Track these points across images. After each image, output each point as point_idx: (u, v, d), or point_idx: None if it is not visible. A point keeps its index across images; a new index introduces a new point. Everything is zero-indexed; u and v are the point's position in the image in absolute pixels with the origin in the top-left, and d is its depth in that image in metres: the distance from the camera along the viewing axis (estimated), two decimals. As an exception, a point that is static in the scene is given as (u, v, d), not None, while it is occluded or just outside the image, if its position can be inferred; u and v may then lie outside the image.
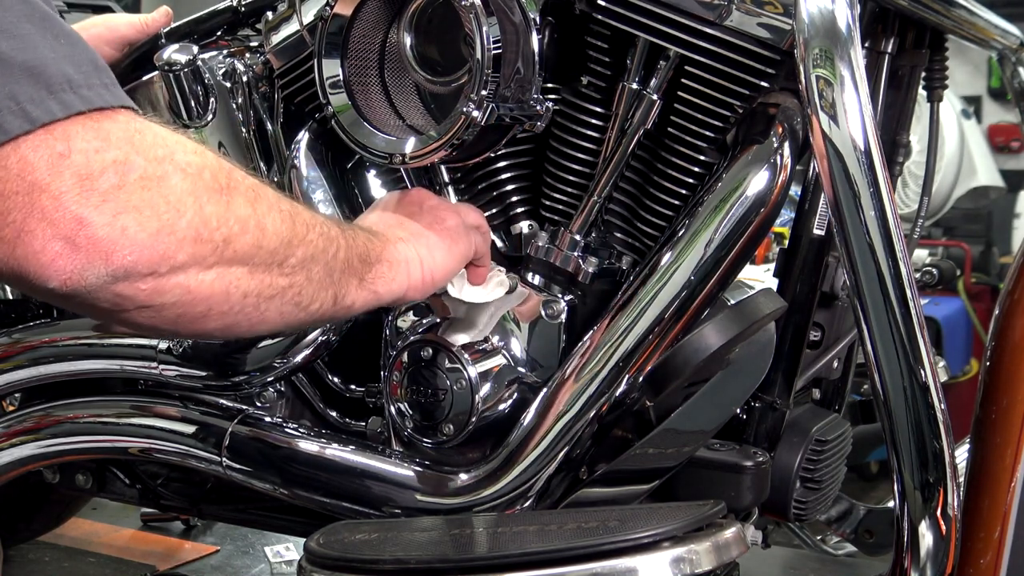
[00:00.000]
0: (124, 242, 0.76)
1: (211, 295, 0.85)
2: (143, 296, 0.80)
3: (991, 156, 4.72)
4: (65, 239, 0.74)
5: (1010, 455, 1.17)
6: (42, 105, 0.74)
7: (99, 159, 0.75)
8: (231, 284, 0.86)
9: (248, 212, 0.87)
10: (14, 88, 0.73)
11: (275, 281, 0.91)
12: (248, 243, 0.86)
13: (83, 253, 0.75)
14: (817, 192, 1.34)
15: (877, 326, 1.06)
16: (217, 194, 0.84)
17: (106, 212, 0.75)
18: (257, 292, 0.89)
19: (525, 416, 1.20)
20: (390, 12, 1.25)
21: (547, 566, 0.99)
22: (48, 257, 0.75)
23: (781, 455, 1.36)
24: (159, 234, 0.78)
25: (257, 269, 0.88)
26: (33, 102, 0.73)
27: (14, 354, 1.53)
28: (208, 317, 0.87)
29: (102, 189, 0.75)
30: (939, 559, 1.08)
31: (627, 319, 1.17)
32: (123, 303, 0.80)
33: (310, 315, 0.98)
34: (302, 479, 1.32)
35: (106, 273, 0.77)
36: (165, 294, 0.81)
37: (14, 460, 1.53)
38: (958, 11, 1.36)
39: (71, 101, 0.75)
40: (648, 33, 1.19)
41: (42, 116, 0.74)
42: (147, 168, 0.78)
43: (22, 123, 0.73)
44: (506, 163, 1.31)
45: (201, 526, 2.34)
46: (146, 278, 0.79)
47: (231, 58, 1.44)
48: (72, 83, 0.76)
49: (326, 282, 0.97)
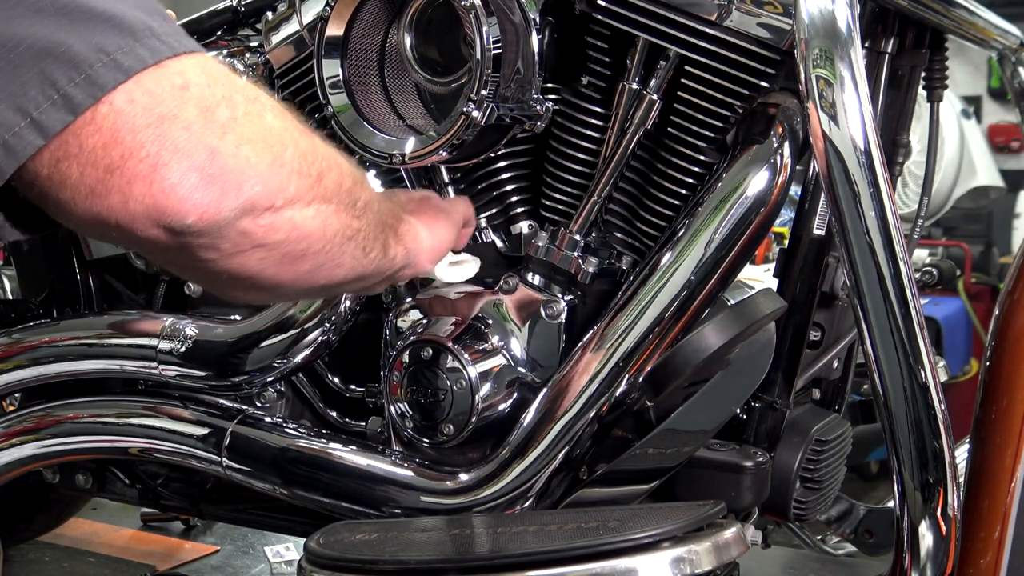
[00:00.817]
0: (250, 172, 0.77)
1: (311, 232, 0.86)
2: (261, 233, 0.81)
3: (991, 156, 4.72)
4: (200, 170, 0.74)
5: (1010, 455, 1.17)
6: (132, 54, 0.73)
7: (211, 92, 0.76)
8: (325, 221, 0.87)
9: (329, 151, 0.89)
10: (100, 39, 0.72)
11: (351, 222, 0.92)
12: (334, 180, 0.88)
13: (218, 184, 0.75)
14: (817, 192, 1.34)
15: (877, 326, 1.06)
16: (304, 133, 0.85)
17: (229, 143, 0.76)
18: (342, 231, 0.90)
19: (525, 416, 1.20)
20: (390, 12, 1.25)
21: (547, 566, 0.99)
22: (186, 190, 0.74)
23: (781, 455, 1.36)
24: (273, 165, 0.79)
25: (340, 207, 0.90)
26: (122, 51, 0.73)
27: (14, 354, 1.54)
28: (306, 256, 0.87)
29: (221, 121, 0.76)
30: (939, 559, 1.08)
31: (627, 319, 1.17)
32: (243, 242, 0.80)
33: (369, 263, 0.98)
34: (302, 479, 1.32)
35: (236, 205, 0.77)
36: (278, 230, 0.82)
37: (14, 460, 1.53)
38: (958, 11, 1.36)
39: (158, 47, 0.74)
40: (648, 33, 1.19)
41: (135, 65, 0.73)
42: (247, 105, 0.79)
43: (116, 74, 0.72)
44: (506, 163, 1.31)
45: (201, 526, 2.33)
46: (265, 213, 0.80)
47: (231, 58, 1.44)
48: (153, 30, 0.75)
49: (379, 229, 0.99)
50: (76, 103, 0.71)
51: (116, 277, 1.70)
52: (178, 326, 1.41)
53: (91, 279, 1.71)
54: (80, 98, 0.71)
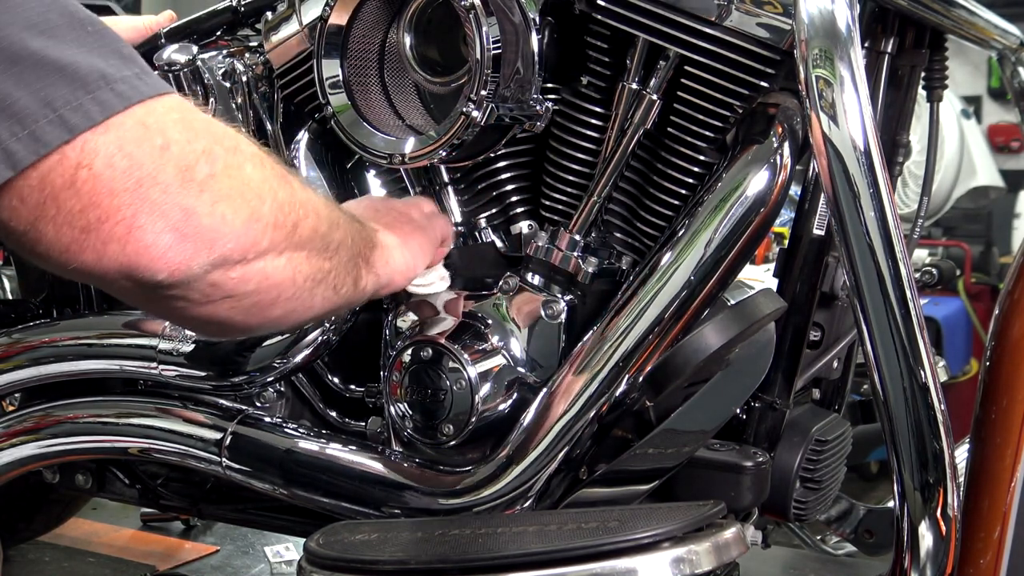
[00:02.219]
0: (224, 230, 0.78)
1: (282, 281, 0.87)
2: (231, 284, 0.82)
3: (991, 156, 4.72)
4: (174, 230, 0.76)
5: (1010, 455, 1.17)
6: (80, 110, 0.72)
7: (191, 150, 0.77)
8: (296, 269, 0.89)
9: (306, 196, 0.90)
10: (49, 92, 0.71)
11: (322, 264, 0.94)
12: (309, 227, 0.89)
13: (191, 243, 0.77)
14: (817, 192, 1.34)
15: (877, 326, 1.06)
16: (282, 181, 0.86)
17: (205, 201, 0.77)
18: (312, 276, 0.92)
19: (525, 416, 1.20)
20: (390, 12, 1.25)
21: (547, 566, 0.99)
22: (160, 250, 0.76)
23: (781, 455, 1.36)
24: (249, 221, 0.81)
25: (312, 253, 0.91)
26: (71, 107, 0.72)
27: (14, 354, 1.53)
28: (276, 304, 0.89)
29: (199, 179, 0.77)
30: (939, 559, 1.08)
31: (627, 319, 1.17)
32: (213, 293, 0.82)
33: (340, 300, 1.00)
34: (302, 479, 1.32)
35: (208, 261, 0.79)
36: (249, 282, 0.84)
37: (14, 460, 1.53)
38: (958, 11, 1.36)
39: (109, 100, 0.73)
40: (648, 33, 1.19)
41: (81, 123, 0.72)
42: (227, 158, 0.80)
43: (60, 132, 0.72)
44: (506, 163, 1.31)
45: (201, 526, 2.33)
46: (236, 266, 0.81)
47: (231, 58, 1.44)
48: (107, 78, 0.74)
49: (349, 265, 1.00)
50: (17, 159, 0.71)
51: (116, 277, 1.70)
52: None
53: (91, 279, 1.71)
54: (22, 154, 0.71)
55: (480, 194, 1.32)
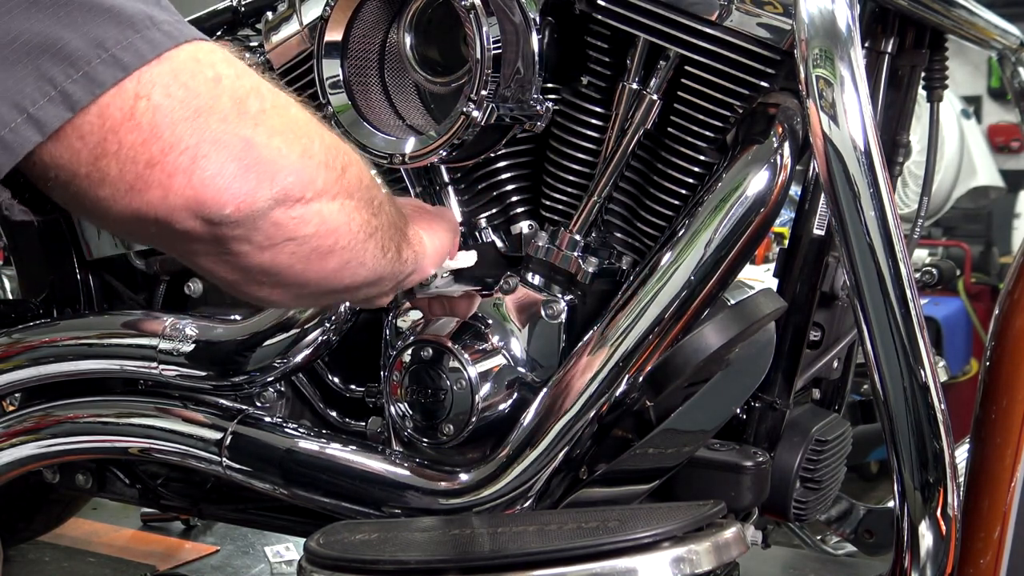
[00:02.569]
0: (283, 162, 0.78)
1: (338, 226, 0.87)
2: (292, 225, 0.82)
3: (991, 156, 4.72)
4: (237, 160, 0.75)
5: (1010, 455, 1.17)
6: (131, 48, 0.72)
7: (241, 84, 0.77)
8: (350, 215, 0.88)
9: (349, 147, 0.90)
10: (100, 33, 0.71)
11: (371, 219, 0.93)
12: (355, 174, 0.89)
13: (254, 174, 0.76)
14: (817, 192, 1.34)
15: (877, 326, 1.06)
16: (326, 126, 0.86)
17: (262, 134, 0.77)
18: (364, 227, 0.91)
19: (525, 416, 1.20)
20: (390, 12, 1.25)
21: (547, 566, 0.99)
22: (224, 180, 0.75)
23: (781, 455, 1.36)
24: (303, 156, 0.80)
25: (361, 204, 0.90)
26: (122, 45, 0.72)
27: (14, 354, 1.53)
28: (333, 252, 0.88)
29: (252, 112, 0.77)
30: (939, 559, 1.08)
31: (627, 319, 1.17)
32: (275, 234, 0.81)
33: (388, 264, 0.99)
34: (302, 479, 1.32)
35: (271, 196, 0.78)
36: (308, 223, 0.83)
37: (14, 460, 1.53)
38: (958, 11, 1.36)
39: (158, 39, 0.74)
40: (648, 33, 1.19)
41: (133, 61, 0.72)
42: (272, 97, 0.80)
43: (115, 71, 0.72)
44: (506, 163, 1.31)
45: (201, 526, 2.33)
46: (296, 204, 0.81)
47: (231, 58, 1.44)
48: (153, 19, 0.74)
49: (392, 231, 0.99)
50: (75, 100, 0.71)
51: (116, 277, 1.70)
52: (178, 326, 1.41)
53: (91, 279, 1.71)
54: (79, 95, 0.71)
55: (480, 194, 1.32)
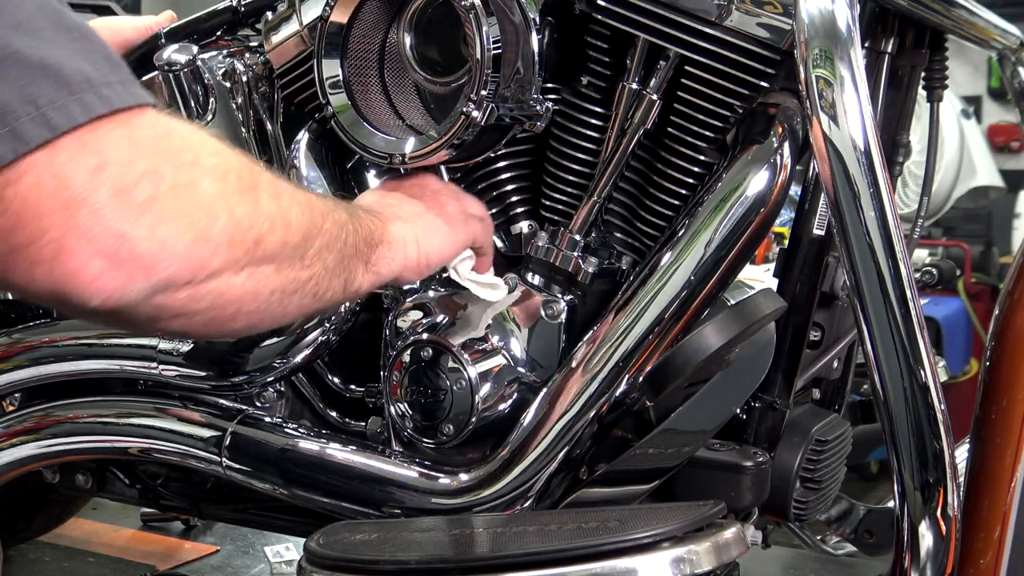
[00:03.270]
0: (164, 254, 0.75)
1: (242, 296, 0.84)
2: (179, 305, 0.79)
3: (991, 156, 4.73)
4: (106, 256, 0.72)
5: (1010, 455, 1.17)
6: (63, 109, 0.71)
7: (132, 170, 0.73)
8: (260, 283, 0.86)
9: (274, 208, 0.86)
10: (32, 90, 0.70)
11: (298, 275, 0.90)
12: (276, 240, 0.86)
13: (125, 269, 0.74)
14: (817, 192, 1.34)
15: (877, 326, 1.06)
16: (245, 194, 0.82)
17: (144, 225, 0.73)
18: (282, 288, 0.89)
19: (525, 416, 1.20)
20: (390, 12, 1.25)
21: (547, 566, 0.99)
22: (89, 276, 0.73)
23: (781, 455, 1.36)
24: (196, 242, 0.77)
25: (283, 265, 0.88)
26: (53, 106, 0.71)
27: (14, 354, 1.53)
28: (237, 318, 0.86)
29: (138, 201, 0.73)
30: (939, 559, 1.08)
31: (627, 319, 1.17)
32: (160, 314, 0.79)
33: (324, 303, 0.97)
34: (302, 479, 1.32)
35: (147, 287, 0.76)
36: (200, 300, 0.81)
37: (14, 460, 1.53)
38: (958, 11, 1.36)
39: (92, 103, 0.72)
40: (648, 33, 1.19)
41: (63, 122, 0.71)
42: (177, 176, 0.76)
43: (42, 131, 0.70)
44: (506, 163, 1.31)
45: (201, 526, 2.33)
46: (184, 287, 0.78)
47: (231, 58, 1.44)
48: (91, 81, 0.73)
49: (338, 269, 0.97)
50: None
51: (116, 277, 1.70)
52: (178, 326, 1.41)
53: (91, 279, 1.70)
54: (2, 151, 0.69)
55: (480, 194, 1.32)
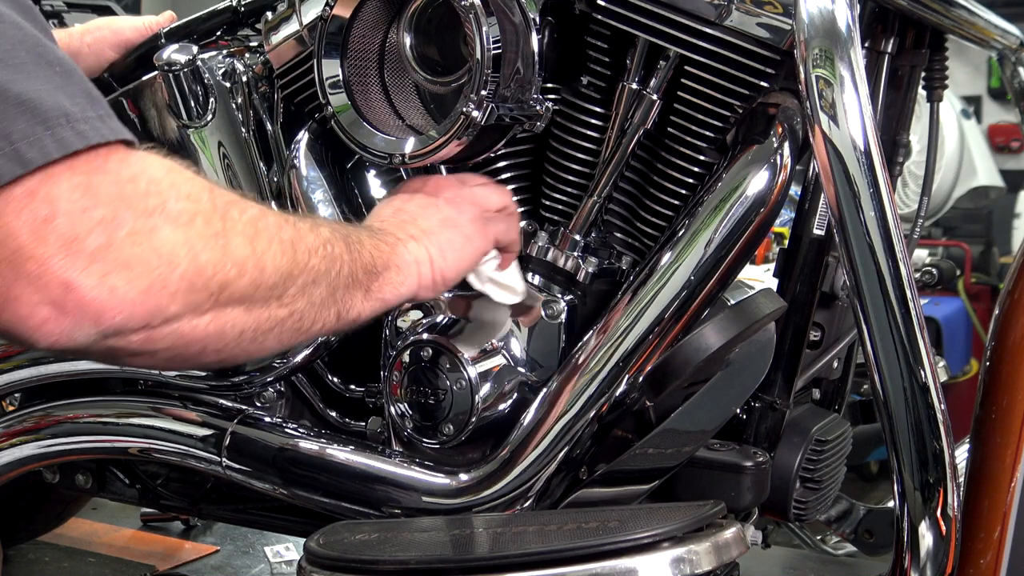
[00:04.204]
0: (113, 302, 0.74)
1: (205, 336, 0.83)
2: (135, 346, 0.79)
3: (991, 156, 4.72)
4: (52, 303, 0.73)
5: (1010, 455, 1.17)
6: (37, 144, 0.71)
7: (85, 219, 0.73)
8: (226, 324, 0.84)
9: (246, 252, 0.84)
10: (6, 125, 0.70)
11: (273, 313, 0.88)
12: (245, 284, 0.84)
13: (71, 316, 0.73)
14: (817, 192, 1.34)
15: (877, 326, 1.06)
16: (212, 240, 0.80)
17: (94, 274, 0.73)
18: (255, 327, 0.87)
19: (525, 416, 1.20)
20: (390, 12, 1.25)
21: (547, 566, 0.99)
22: (36, 321, 0.73)
23: (781, 455, 1.36)
24: (150, 290, 0.76)
25: (254, 306, 0.86)
26: (27, 140, 0.71)
27: (14, 354, 1.53)
28: (204, 354, 0.85)
29: (89, 250, 0.73)
30: (939, 559, 1.08)
31: (627, 319, 1.17)
32: (115, 353, 0.79)
33: (312, 335, 0.96)
34: (302, 479, 1.32)
35: (96, 332, 0.75)
36: (158, 342, 0.80)
37: (14, 460, 1.53)
38: (958, 11, 1.36)
39: (67, 138, 0.72)
40: (648, 33, 1.19)
41: (36, 158, 0.71)
42: (136, 223, 0.75)
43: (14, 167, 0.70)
44: (506, 163, 1.31)
45: (201, 526, 2.34)
46: (138, 331, 0.78)
47: (231, 58, 1.44)
48: (69, 116, 0.73)
49: (328, 301, 0.95)
50: None
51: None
52: (178, 326, 1.41)
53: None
54: None
55: (480, 194, 1.32)
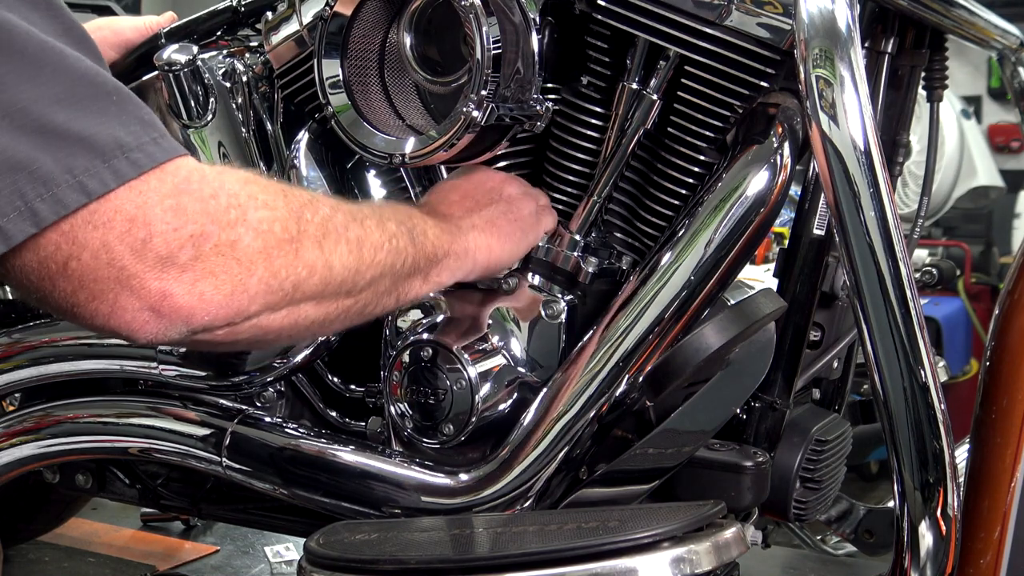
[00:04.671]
0: (202, 306, 0.85)
1: (281, 328, 0.93)
2: (220, 338, 0.89)
3: (991, 156, 4.72)
4: (151, 309, 0.83)
5: (1010, 455, 1.17)
6: (96, 176, 0.80)
7: (177, 236, 0.83)
8: (299, 316, 0.94)
9: (316, 255, 0.93)
10: (70, 161, 0.79)
11: (341, 304, 0.98)
12: (315, 283, 0.93)
13: (167, 319, 0.84)
14: (817, 192, 1.34)
15: (877, 326, 1.06)
16: (287, 244, 0.90)
17: (185, 282, 0.83)
18: (324, 317, 0.97)
19: (525, 416, 1.20)
20: (390, 12, 1.25)
21: (547, 566, 0.99)
22: (138, 324, 0.84)
23: (781, 455, 1.36)
24: (233, 295, 0.86)
25: (325, 300, 0.96)
26: (88, 173, 0.79)
27: (14, 354, 1.53)
28: (279, 340, 0.96)
29: (181, 263, 0.83)
30: (939, 559, 1.08)
31: (627, 319, 1.17)
32: (202, 346, 0.91)
33: (372, 317, 1.05)
34: (302, 479, 1.32)
35: (187, 330, 0.86)
36: (240, 335, 0.90)
37: (14, 460, 1.53)
38: (958, 11, 1.35)
39: (122, 168, 0.81)
40: (648, 33, 1.19)
41: (97, 188, 0.80)
42: (221, 235, 0.85)
43: (79, 196, 0.79)
44: (506, 163, 1.31)
45: (201, 526, 2.33)
46: (222, 328, 0.88)
47: (231, 58, 1.44)
48: (124, 147, 0.81)
49: (391, 289, 1.04)
50: (41, 217, 0.79)
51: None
52: (178, 326, 1.41)
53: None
54: (45, 213, 0.79)
55: (480, 194, 1.32)
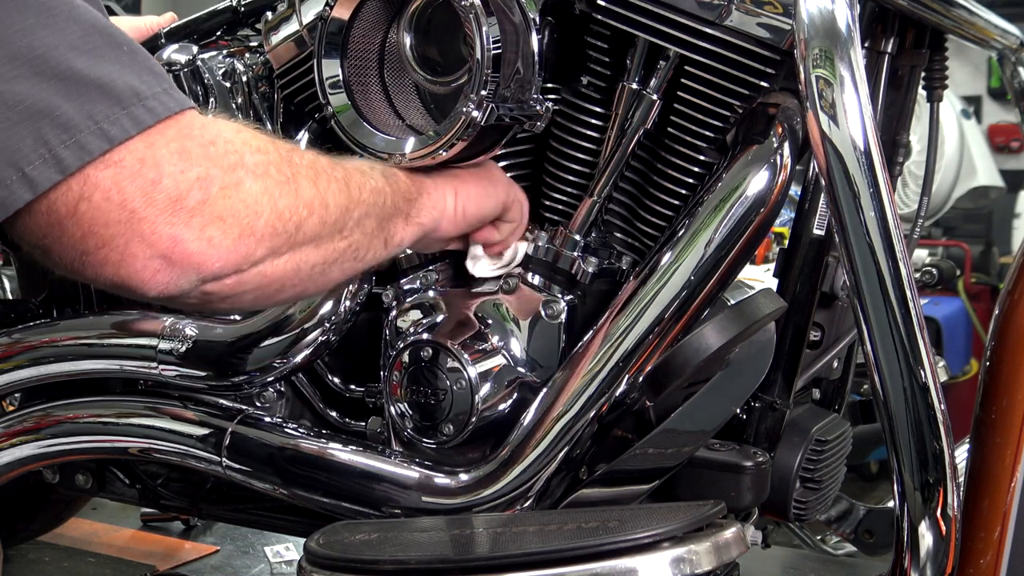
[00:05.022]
0: (212, 252, 0.85)
1: (284, 275, 0.93)
2: (227, 290, 0.89)
3: (991, 156, 4.72)
4: (162, 256, 0.83)
5: (1010, 455, 1.17)
6: (117, 123, 0.80)
7: (185, 179, 0.83)
8: (301, 261, 0.94)
9: (312, 193, 0.94)
10: (91, 107, 0.78)
11: (336, 246, 0.99)
12: (315, 223, 0.94)
13: (178, 266, 0.84)
14: (817, 192, 1.34)
15: (877, 326, 1.06)
16: (285, 185, 0.91)
17: (195, 227, 0.83)
18: (323, 261, 0.97)
19: (525, 416, 1.20)
20: (390, 12, 1.25)
21: (547, 566, 0.99)
22: (149, 273, 0.83)
23: (781, 455, 1.36)
24: (240, 238, 0.86)
25: (322, 241, 0.96)
26: (109, 119, 0.79)
27: (14, 354, 1.53)
28: (281, 292, 0.95)
29: (190, 206, 0.83)
30: (939, 559, 1.08)
31: (627, 319, 1.17)
32: (209, 298, 0.89)
33: (366, 264, 1.06)
34: (302, 479, 1.32)
35: (197, 279, 0.86)
36: (246, 284, 0.90)
37: (14, 460, 1.53)
38: (958, 11, 1.36)
39: (140, 115, 0.80)
40: (648, 33, 1.19)
41: (119, 134, 0.80)
42: (224, 178, 0.85)
43: (101, 142, 0.79)
44: (506, 163, 1.31)
45: (201, 526, 2.34)
46: (230, 276, 0.88)
47: (231, 58, 1.44)
48: (139, 95, 0.81)
49: (377, 231, 1.04)
50: (65, 164, 0.78)
51: (116, 277, 1.70)
52: (178, 326, 1.41)
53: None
54: (69, 160, 0.78)
55: (480, 194, 1.32)
